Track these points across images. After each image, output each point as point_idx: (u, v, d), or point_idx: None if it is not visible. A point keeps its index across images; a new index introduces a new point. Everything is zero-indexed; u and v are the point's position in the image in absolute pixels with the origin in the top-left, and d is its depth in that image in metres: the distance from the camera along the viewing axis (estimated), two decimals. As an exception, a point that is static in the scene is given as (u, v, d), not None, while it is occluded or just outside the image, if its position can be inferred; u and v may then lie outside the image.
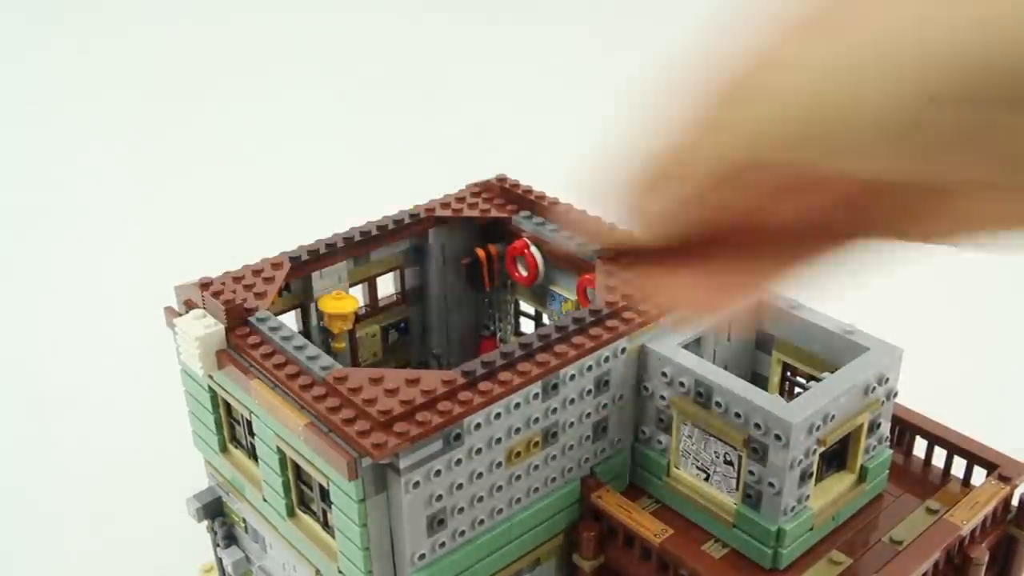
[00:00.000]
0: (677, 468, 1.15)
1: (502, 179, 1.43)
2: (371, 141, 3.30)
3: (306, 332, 1.30)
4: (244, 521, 1.27)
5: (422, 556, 1.01)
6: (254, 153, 3.21)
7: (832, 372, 1.09)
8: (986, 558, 1.12)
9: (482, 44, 3.90)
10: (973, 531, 1.13)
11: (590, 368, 1.08)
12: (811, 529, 1.08)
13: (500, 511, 1.07)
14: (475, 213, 1.38)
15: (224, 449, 1.23)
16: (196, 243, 2.61)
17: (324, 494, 1.04)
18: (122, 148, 3.28)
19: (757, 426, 1.01)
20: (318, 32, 4.00)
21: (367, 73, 3.77)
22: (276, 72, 3.75)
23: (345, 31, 4.01)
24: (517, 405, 1.02)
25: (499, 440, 1.02)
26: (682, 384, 1.09)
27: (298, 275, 1.25)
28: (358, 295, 1.35)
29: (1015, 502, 1.18)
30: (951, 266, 2.56)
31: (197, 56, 3.80)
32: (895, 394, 1.14)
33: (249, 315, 1.10)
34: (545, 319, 1.43)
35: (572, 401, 1.08)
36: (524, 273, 1.37)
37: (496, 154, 2.76)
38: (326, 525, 1.08)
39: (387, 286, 1.41)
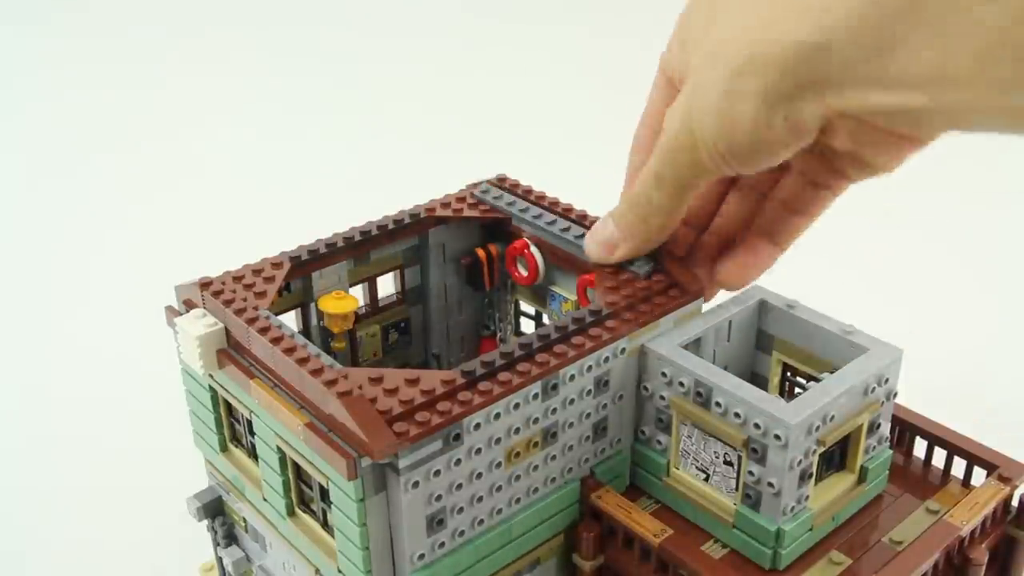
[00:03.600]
0: (677, 468, 1.15)
1: (502, 179, 1.43)
2: (371, 141, 3.30)
3: (306, 332, 1.30)
4: (244, 520, 1.27)
5: (421, 556, 1.01)
6: (254, 153, 3.21)
7: (832, 372, 1.09)
8: (986, 559, 1.12)
9: (482, 44, 3.91)
10: (973, 532, 1.13)
11: (590, 368, 1.08)
12: (811, 529, 1.08)
13: (500, 511, 1.07)
14: (475, 213, 1.38)
15: (224, 448, 1.23)
16: (196, 243, 2.61)
17: (324, 494, 1.04)
18: (122, 147, 3.28)
19: (756, 426, 1.01)
20: (319, 32, 4.01)
21: (367, 73, 3.77)
22: (277, 72, 3.75)
23: (346, 32, 4.01)
24: (517, 405, 1.02)
25: (499, 440, 1.02)
26: (682, 384, 1.09)
27: (298, 275, 1.25)
28: (358, 295, 1.35)
29: (1015, 503, 1.18)
30: (951, 266, 2.57)
31: (198, 55, 3.81)
32: (895, 394, 1.14)
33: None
34: (545, 319, 1.43)
35: (572, 401, 1.08)
36: (524, 273, 1.37)
37: (496, 154, 2.76)
38: (326, 525, 1.08)
39: (387, 286, 1.41)
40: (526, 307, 1.46)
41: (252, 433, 1.14)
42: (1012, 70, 0.66)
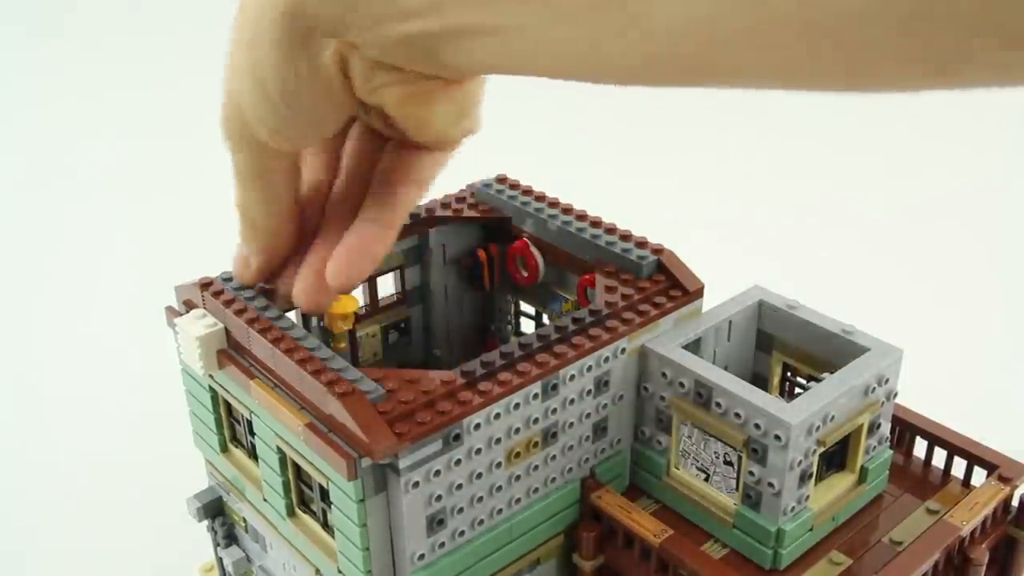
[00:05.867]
0: (677, 468, 1.15)
1: (502, 179, 1.43)
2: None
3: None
4: (244, 521, 1.27)
5: (421, 556, 1.01)
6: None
7: (832, 372, 1.09)
8: (986, 559, 1.12)
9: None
10: (973, 532, 1.13)
11: (590, 368, 1.08)
12: (811, 529, 1.08)
13: (500, 511, 1.07)
14: (475, 213, 1.38)
15: (224, 449, 1.23)
16: (196, 243, 2.61)
17: (324, 494, 1.04)
18: (122, 147, 3.28)
19: (757, 427, 1.01)
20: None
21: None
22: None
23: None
24: (517, 405, 1.02)
25: (499, 440, 1.02)
26: (682, 384, 1.09)
27: (298, 275, 1.25)
28: (358, 295, 1.35)
29: (1015, 503, 1.18)
30: (951, 266, 2.57)
31: (197, 55, 3.80)
32: (895, 394, 1.14)
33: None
34: (545, 319, 1.43)
35: (572, 401, 1.08)
36: (524, 273, 1.37)
37: (496, 154, 2.76)
38: (326, 525, 1.08)
39: (387, 286, 1.41)
40: (526, 307, 1.46)
41: (252, 433, 1.14)
42: None
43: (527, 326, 1.47)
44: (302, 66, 0.79)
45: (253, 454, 1.17)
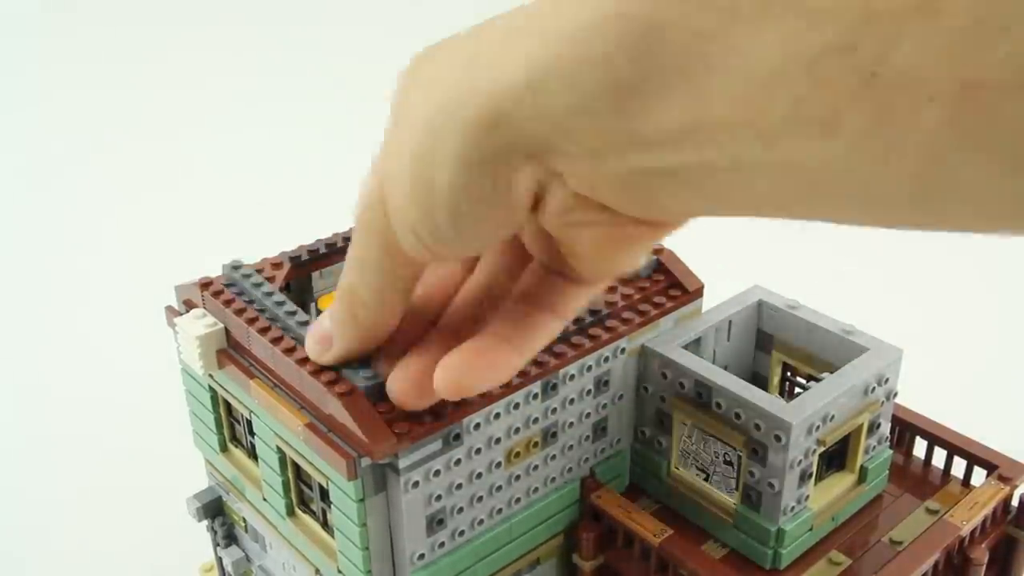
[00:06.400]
0: (677, 468, 1.15)
1: (502, 179, 1.42)
2: (371, 140, 3.30)
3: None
4: (244, 520, 1.27)
5: (421, 556, 1.01)
6: (254, 153, 3.21)
7: (832, 372, 1.09)
8: (986, 559, 1.12)
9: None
10: (973, 531, 1.13)
11: (589, 368, 1.08)
12: (811, 529, 1.08)
13: (499, 511, 1.07)
14: (475, 213, 1.38)
15: (224, 448, 1.23)
16: (196, 243, 2.62)
17: (324, 494, 1.04)
18: (122, 147, 3.28)
19: (757, 426, 1.01)
20: (317, 31, 4.00)
21: (367, 72, 3.77)
22: (276, 71, 3.75)
23: (344, 30, 4.01)
24: (516, 405, 1.02)
25: (498, 440, 1.02)
26: (682, 384, 1.09)
27: (298, 275, 1.25)
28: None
29: (1015, 503, 1.18)
30: (951, 265, 2.57)
31: (197, 55, 3.81)
32: (895, 394, 1.14)
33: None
34: (545, 319, 1.42)
35: (571, 401, 1.08)
36: (524, 273, 1.37)
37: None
38: (325, 525, 1.08)
39: (387, 286, 1.41)
40: (526, 307, 1.46)
41: (252, 433, 1.14)
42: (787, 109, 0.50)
43: (527, 326, 1.47)
44: (486, 186, 0.64)
45: (253, 454, 1.17)
